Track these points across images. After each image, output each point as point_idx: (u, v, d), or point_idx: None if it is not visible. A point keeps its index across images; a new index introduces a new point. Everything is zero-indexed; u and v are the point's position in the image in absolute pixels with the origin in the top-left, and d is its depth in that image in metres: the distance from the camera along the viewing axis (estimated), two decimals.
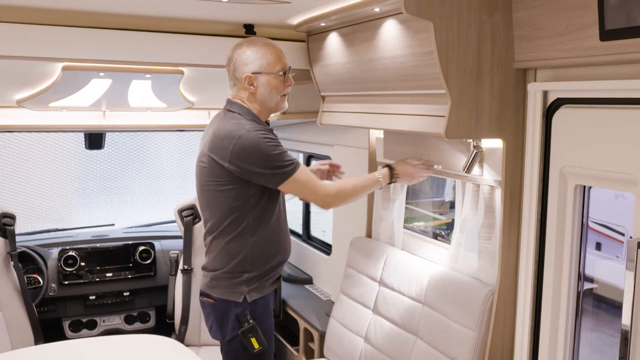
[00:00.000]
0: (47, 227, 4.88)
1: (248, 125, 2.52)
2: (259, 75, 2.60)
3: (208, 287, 2.72)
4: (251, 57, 2.59)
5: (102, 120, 4.07)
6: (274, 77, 2.62)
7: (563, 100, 2.21)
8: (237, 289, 2.65)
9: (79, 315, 4.28)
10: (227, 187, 2.56)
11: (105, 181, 5.29)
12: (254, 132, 2.48)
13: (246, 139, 2.47)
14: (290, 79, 2.70)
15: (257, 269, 2.66)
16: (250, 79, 2.60)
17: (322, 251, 4.40)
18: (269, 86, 2.62)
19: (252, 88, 2.61)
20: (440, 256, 2.99)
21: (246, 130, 2.49)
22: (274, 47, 2.65)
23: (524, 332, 2.43)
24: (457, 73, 2.21)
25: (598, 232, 4.85)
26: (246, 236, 2.62)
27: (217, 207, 2.64)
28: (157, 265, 4.46)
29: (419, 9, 2.10)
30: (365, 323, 3.21)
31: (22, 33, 2.71)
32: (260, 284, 2.68)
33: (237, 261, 2.63)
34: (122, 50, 2.93)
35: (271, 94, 2.64)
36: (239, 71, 2.61)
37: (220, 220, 2.64)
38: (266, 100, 2.65)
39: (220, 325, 2.70)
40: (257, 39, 2.67)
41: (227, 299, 2.66)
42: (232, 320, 2.65)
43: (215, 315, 2.71)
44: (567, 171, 2.21)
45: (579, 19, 1.98)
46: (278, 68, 2.62)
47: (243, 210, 2.59)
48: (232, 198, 2.57)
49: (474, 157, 2.55)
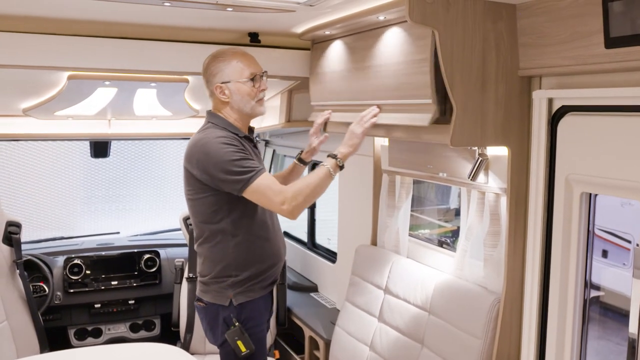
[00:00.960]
0: (53, 236, 4.89)
1: (214, 133, 2.58)
2: (228, 84, 2.64)
3: (200, 292, 2.79)
4: (219, 67, 2.64)
5: (107, 129, 4.09)
6: (243, 83, 2.65)
7: (568, 108, 2.21)
8: (223, 293, 2.68)
9: (84, 324, 4.28)
10: (202, 195, 2.61)
11: (111, 189, 5.30)
12: (216, 140, 2.53)
13: (208, 147, 2.52)
14: (263, 83, 2.72)
15: (243, 273, 2.68)
16: (221, 89, 2.65)
17: (327, 259, 4.39)
18: (239, 93, 2.66)
19: (224, 97, 2.66)
20: (445, 264, 2.98)
21: (209, 139, 2.54)
22: (243, 55, 2.68)
23: (530, 340, 2.42)
24: (462, 81, 2.21)
25: (605, 239, 4.83)
26: (227, 242, 2.65)
27: (197, 215, 2.70)
28: (162, 273, 4.46)
29: (423, 17, 2.11)
30: (371, 331, 3.20)
31: (28, 42, 2.73)
32: (247, 287, 2.69)
33: (221, 267, 2.68)
34: (127, 59, 2.94)
35: (244, 100, 2.67)
36: (210, 83, 2.68)
37: (201, 228, 2.70)
38: (241, 108, 2.68)
39: (212, 329, 2.76)
40: (226, 50, 2.71)
41: (215, 303, 2.71)
42: (221, 323, 2.70)
43: (207, 319, 2.78)
44: (573, 179, 2.20)
45: (583, 27, 1.98)
46: (247, 74, 2.65)
47: (220, 217, 2.63)
48: (207, 205, 2.62)
49: (479, 165, 2.54)
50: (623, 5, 1.82)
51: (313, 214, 4.76)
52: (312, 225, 4.78)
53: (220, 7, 2.42)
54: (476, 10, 2.20)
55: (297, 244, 4.89)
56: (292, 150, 4.57)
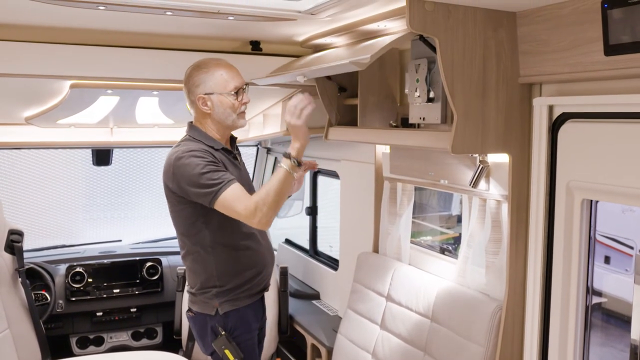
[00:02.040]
0: (55, 244, 4.89)
1: (187, 146, 2.56)
2: (211, 95, 2.62)
3: (189, 302, 2.81)
4: (203, 78, 2.61)
5: (109, 137, 4.10)
6: (226, 96, 2.63)
7: (568, 115, 2.21)
8: (209, 303, 2.70)
9: (86, 332, 4.28)
10: (179, 207, 2.62)
11: (113, 197, 5.31)
12: (188, 153, 2.51)
13: (180, 160, 2.51)
14: (246, 96, 2.70)
15: (227, 283, 2.68)
16: (203, 100, 2.63)
17: (329, 266, 4.39)
18: (222, 106, 2.63)
19: (206, 108, 2.64)
20: (447, 271, 2.98)
21: (181, 153, 2.53)
22: (227, 67, 2.66)
23: (533, 347, 2.41)
24: (462, 88, 2.21)
25: (607, 245, 4.83)
26: (207, 254, 2.66)
27: (177, 227, 2.71)
28: (164, 281, 4.46)
29: (424, 26, 2.11)
30: (373, 339, 3.20)
31: (31, 51, 2.74)
32: (232, 296, 2.69)
33: (204, 278, 2.68)
34: (129, 68, 2.96)
35: (226, 112, 2.65)
36: (192, 93, 2.64)
37: (182, 241, 2.72)
38: (222, 120, 2.67)
39: (201, 338, 2.78)
40: (210, 60, 2.67)
41: (203, 313, 2.72)
42: (209, 333, 2.71)
43: (196, 329, 2.80)
44: (574, 185, 2.21)
45: (583, 34, 1.99)
46: (231, 87, 2.63)
47: (197, 229, 2.63)
48: (184, 217, 2.64)
49: (480, 172, 2.55)
50: (622, 13, 1.82)
51: (315, 221, 4.77)
52: (314, 233, 4.78)
53: (222, 16, 2.43)
54: (476, 18, 2.21)
55: (299, 251, 4.89)
56: None
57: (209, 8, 2.31)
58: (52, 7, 2.24)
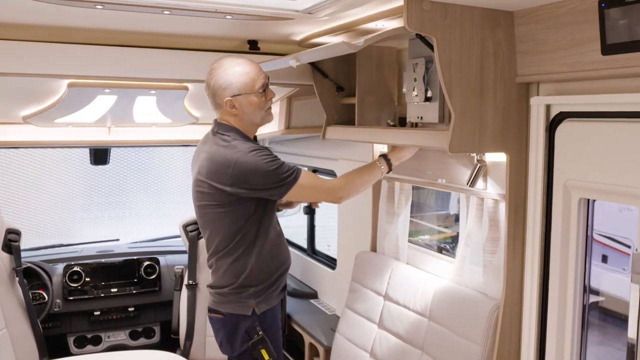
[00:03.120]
0: (52, 243, 4.90)
1: (242, 146, 2.53)
2: (239, 97, 2.59)
3: (216, 304, 2.74)
4: (229, 79, 2.57)
5: (107, 136, 4.10)
6: (254, 95, 2.61)
7: (566, 114, 2.22)
8: (245, 303, 2.67)
9: (83, 331, 4.27)
10: (229, 209, 2.58)
11: (110, 196, 5.31)
12: (250, 153, 2.49)
13: (244, 162, 2.48)
14: (271, 92, 2.70)
15: (263, 282, 2.69)
16: (231, 102, 2.59)
17: (327, 265, 4.39)
18: (251, 105, 2.61)
19: (235, 110, 2.61)
20: (445, 270, 2.98)
21: (242, 153, 2.50)
22: (250, 65, 2.62)
23: (530, 346, 2.42)
24: (460, 88, 2.21)
25: (604, 244, 4.84)
26: (250, 252, 2.65)
27: (220, 229, 2.65)
28: (162, 280, 4.46)
29: (421, 25, 2.11)
30: (371, 338, 3.20)
31: (28, 50, 2.74)
32: (266, 296, 2.71)
33: (243, 277, 2.66)
34: (127, 67, 2.96)
35: (255, 112, 2.64)
36: (219, 96, 2.60)
37: (225, 242, 2.66)
38: (252, 119, 2.66)
39: (230, 340, 2.73)
40: (231, 60, 2.63)
41: (235, 313, 2.68)
42: (241, 334, 2.68)
43: (225, 330, 2.74)
44: (571, 184, 2.21)
45: (580, 34, 2.00)
46: (258, 86, 2.61)
47: (247, 229, 2.62)
48: (234, 219, 2.60)
49: (478, 171, 2.55)
50: (619, 13, 1.83)
51: (312, 220, 4.77)
52: (312, 232, 4.78)
53: (220, 15, 2.43)
54: (474, 17, 2.21)
55: (297, 250, 4.89)
56: (292, 157, 4.58)
57: (206, 7, 2.31)
58: (50, 6, 2.24)
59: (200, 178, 2.61)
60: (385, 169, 2.76)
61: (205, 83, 2.66)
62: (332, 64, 3.25)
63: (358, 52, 2.96)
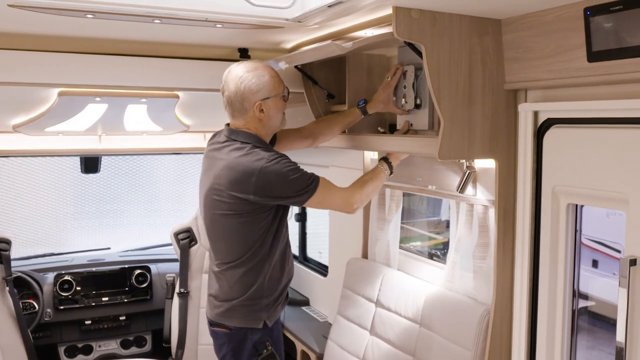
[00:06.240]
0: (43, 252, 4.87)
1: (263, 154, 2.45)
2: (268, 100, 2.54)
3: (221, 317, 2.65)
4: (257, 83, 2.51)
5: (98, 144, 4.09)
6: (279, 98, 2.59)
7: (553, 121, 2.24)
8: (256, 316, 2.61)
9: (74, 341, 4.25)
10: (248, 219, 2.50)
11: (101, 205, 5.29)
12: (272, 162, 2.42)
13: (267, 171, 2.41)
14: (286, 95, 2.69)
15: (272, 294, 2.65)
16: (260, 106, 2.53)
17: (318, 272, 4.39)
18: (276, 108, 2.58)
19: (261, 114, 2.54)
20: (436, 276, 3.00)
21: (265, 161, 2.42)
22: (270, 67, 2.61)
23: (520, 350, 2.43)
24: (448, 95, 2.23)
25: (594, 249, 4.86)
26: (264, 263, 2.59)
27: (237, 238, 2.57)
28: (153, 288, 4.45)
29: (410, 33, 2.13)
30: (363, 344, 3.20)
31: (18, 59, 2.73)
32: (274, 307, 2.67)
33: (254, 289, 2.59)
34: (117, 76, 2.95)
35: (277, 115, 2.60)
36: (249, 100, 2.52)
37: (240, 252, 2.58)
38: (273, 123, 2.61)
39: (235, 355, 2.65)
40: (252, 64, 2.59)
41: (244, 327, 2.61)
42: (248, 348, 2.61)
43: (231, 345, 2.65)
44: (559, 190, 2.23)
45: (566, 41, 2.02)
46: (282, 88, 2.59)
47: (263, 239, 2.55)
48: (252, 230, 2.52)
49: (467, 178, 2.57)
50: (604, 20, 1.85)
51: (304, 228, 4.77)
52: (303, 239, 4.78)
53: (210, 24, 2.44)
54: (462, 25, 2.23)
55: None
56: None
57: (197, 16, 2.32)
58: (40, 15, 2.24)
59: (219, 187, 2.50)
60: (388, 171, 2.75)
61: (227, 90, 2.55)
62: (322, 71, 3.27)
63: (348, 59, 2.99)
